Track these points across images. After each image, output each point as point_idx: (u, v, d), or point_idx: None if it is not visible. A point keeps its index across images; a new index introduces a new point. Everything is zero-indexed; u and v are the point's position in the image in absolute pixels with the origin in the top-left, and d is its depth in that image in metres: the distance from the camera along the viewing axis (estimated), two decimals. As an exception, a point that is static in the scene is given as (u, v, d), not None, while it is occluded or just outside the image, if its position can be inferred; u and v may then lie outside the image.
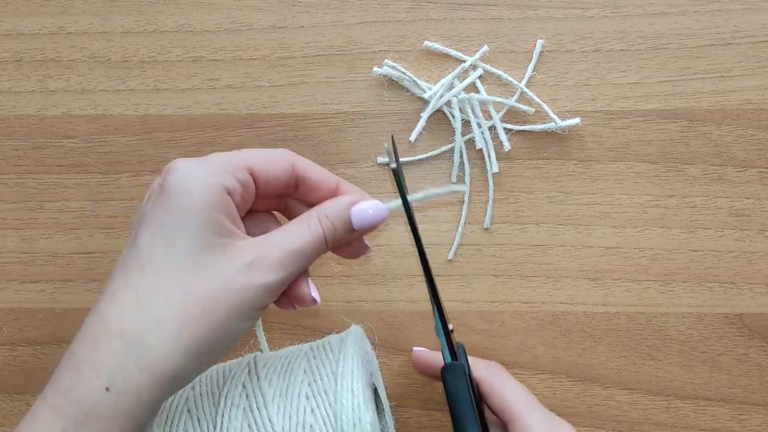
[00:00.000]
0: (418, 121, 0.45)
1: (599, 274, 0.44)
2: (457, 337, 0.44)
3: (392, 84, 0.46)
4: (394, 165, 0.34)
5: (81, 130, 0.46)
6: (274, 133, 0.46)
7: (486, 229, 0.45)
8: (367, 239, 0.36)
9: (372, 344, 0.43)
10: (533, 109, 0.45)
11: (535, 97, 0.45)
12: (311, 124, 0.46)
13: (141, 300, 0.30)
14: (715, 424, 0.44)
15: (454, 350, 0.37)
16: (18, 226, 0.46)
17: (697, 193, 0.44)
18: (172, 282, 0.30)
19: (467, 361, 0.38)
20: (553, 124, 0.44)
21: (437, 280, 0.45)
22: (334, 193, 0.34)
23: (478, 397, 0.38)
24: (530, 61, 0.45)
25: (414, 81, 0.45)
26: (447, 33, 0.45)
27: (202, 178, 0.30)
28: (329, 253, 0.45)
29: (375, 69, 0.45)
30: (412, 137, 0.45)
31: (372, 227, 0.34)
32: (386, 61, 0.45)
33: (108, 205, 0.46)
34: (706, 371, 0.44)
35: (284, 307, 0.36)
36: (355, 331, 0.36)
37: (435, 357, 0.41)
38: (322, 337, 0.44)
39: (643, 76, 0.45)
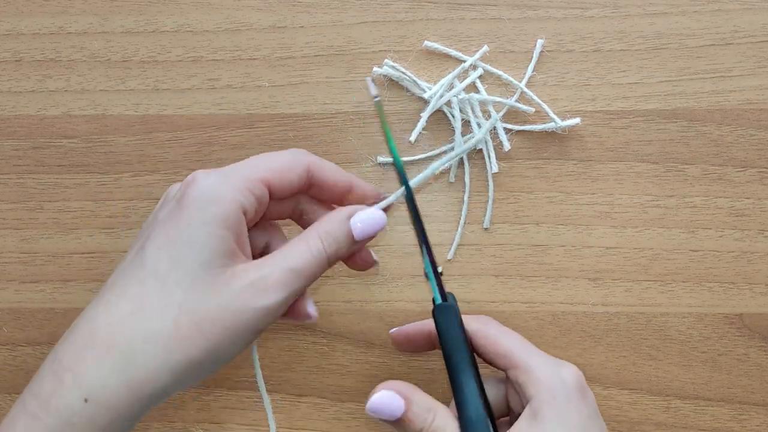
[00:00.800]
0: (418, 121, 0.45)
1: (599, 274, 0.44)
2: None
3: (392, 84, 0.46)
4: (376, 94, 0.35)
5: (81, 130, 0.46)
6: (274, 133, 0.46)
7: (486, 229, 0.45)
8: (375, 253, 0.37)
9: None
10: (533, 109, 0.45)
11: (535, 97, 0.45)
12: (311, 124, 0.46)
13: (134, 312, 0.29)
14: (715, 424, 0.44)
15: (444, 292, 0.36)
16: (18, 226, 0.46)
17: (697, 193, 0.44)
18: (169, 298, 0.29)
19: (455, 302, 0.37)
20: (553, 124, 0.44)
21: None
22: (345, 193, 0.34)
23: (471, 348, 0.36)
24: (530, 61, 0.45)
25: (414, 81, 0.45)
26: (447, 33, 0.45)
27: (221, 194, 0.30)
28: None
29: (375, 69, 0.45)
30: (413, 137, 0.45)
31: (374, 235, 0.34)
32: (386, 61, 0.45)
33: (108, 205, 0.46)
34: (706, 371, 0.44)
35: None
36: None
37: (415, 327, 0.40)
38: (322, 337, 0.44)
39: (643, 76, 0.45)
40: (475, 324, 0.37)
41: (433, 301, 0.36)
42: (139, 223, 0.46)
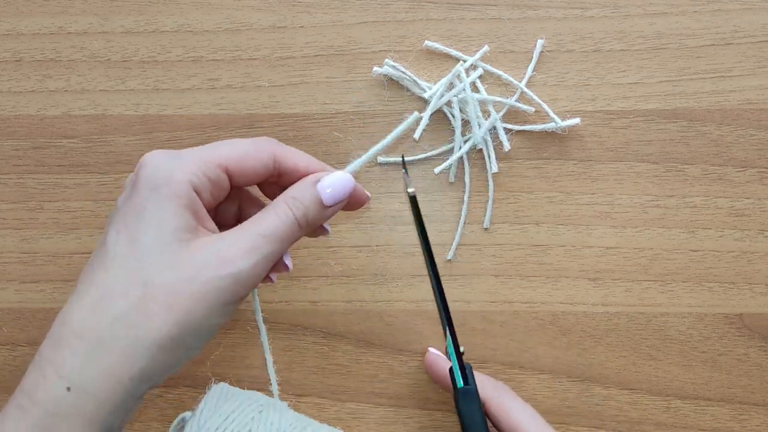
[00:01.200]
0: (421, 119, 0.45)
1: (599, 274, 0.44)
2: (457, 337, 0.44)
3: (392, 84, 0.46)
4: (412, 191, 0.35)
5: (81, 130, 0.46)
6: (274, 133, 0.46)
7: (486, 229, 0.45)
8: (329, 224, 0.37)
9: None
10: (533, 109, 0.45)
11: (535, 97, 0.45)
12: (311, 124, 0.46)
13: (102, 298, 0.29)
14: (715, 424, 0.44)
15: (466, 374, 0.37)
16: (18, 226, 0.46)
17: (697, 193, 0.44)
18: (133, 277, 0.29)
19: (474, 380, 0.38)
20: (553, 124, 0.44)
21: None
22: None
23: (485, 417, 0.38)
24: (530, 61, 0.45)
25: (414, 81, 0.45)
26: (447, 33, 0.45)
27: (171, 174, 0.30)
28: (327, 253, 0.46)
29: (375, 68, 0.45)
30: (417, 135, 0.45)
31: (344, 198, 0.34)
32: (386, 60, 0.45)
33: (108, 205, 0.46)
34: (706, 371, 0.44)
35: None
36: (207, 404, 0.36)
37: (438, 367, 0.41)
38: (322, 337, 0.44)
39: (643, 76, 0.45)
40: (491, 391, 0.38)
41: (453, 380, 0.37)
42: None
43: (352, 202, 0.35)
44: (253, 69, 0.46)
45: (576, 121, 0.44)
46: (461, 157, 0.45)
